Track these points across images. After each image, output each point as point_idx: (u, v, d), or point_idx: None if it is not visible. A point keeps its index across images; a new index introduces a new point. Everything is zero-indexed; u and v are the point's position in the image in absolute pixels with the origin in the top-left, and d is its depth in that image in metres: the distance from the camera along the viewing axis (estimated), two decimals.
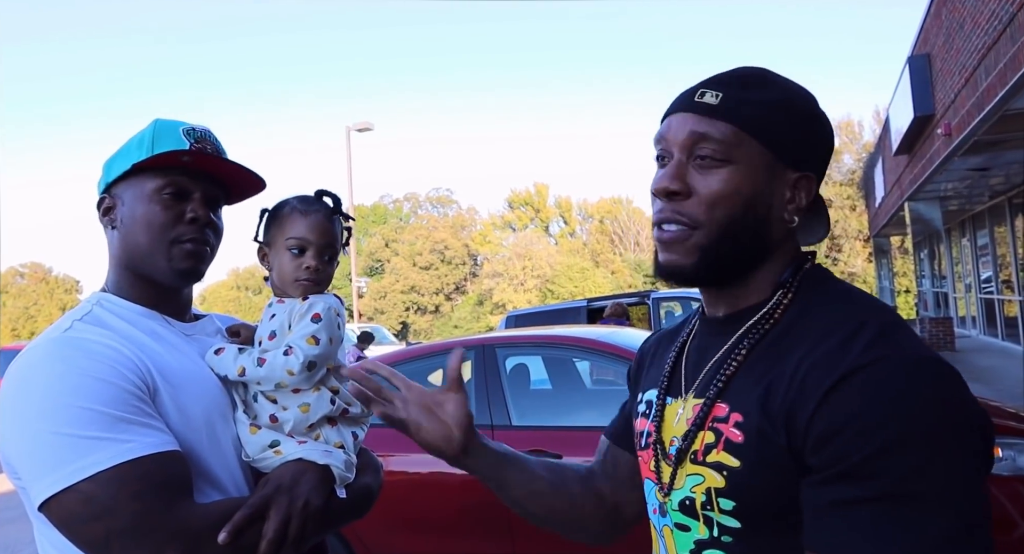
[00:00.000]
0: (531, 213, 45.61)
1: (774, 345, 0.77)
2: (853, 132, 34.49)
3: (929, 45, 9.62)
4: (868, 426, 0.65)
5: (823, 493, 0.67)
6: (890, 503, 0.63)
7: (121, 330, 1.04)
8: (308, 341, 1.09)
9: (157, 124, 1.11)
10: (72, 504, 0.88)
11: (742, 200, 0.79)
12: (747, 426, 0.74)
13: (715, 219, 0.79)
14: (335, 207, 1.19)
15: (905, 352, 0.68)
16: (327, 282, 1.18)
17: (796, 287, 0.81)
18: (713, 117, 0.79)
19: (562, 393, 4.18)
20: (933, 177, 10.22)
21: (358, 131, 18.54)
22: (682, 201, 0.80)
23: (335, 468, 1.08)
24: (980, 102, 6.88)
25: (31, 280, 43.34)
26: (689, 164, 0.80)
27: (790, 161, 0.80)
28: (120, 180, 1.10)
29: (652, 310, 9.08)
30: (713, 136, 0.79)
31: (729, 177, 0.78)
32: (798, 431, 0.69)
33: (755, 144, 0.79)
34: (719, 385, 0.79)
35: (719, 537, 0.77)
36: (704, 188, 0.79)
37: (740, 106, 0.79)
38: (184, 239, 1.08)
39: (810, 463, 0.69)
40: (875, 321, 0.72)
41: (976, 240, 14.21)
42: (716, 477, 0.76)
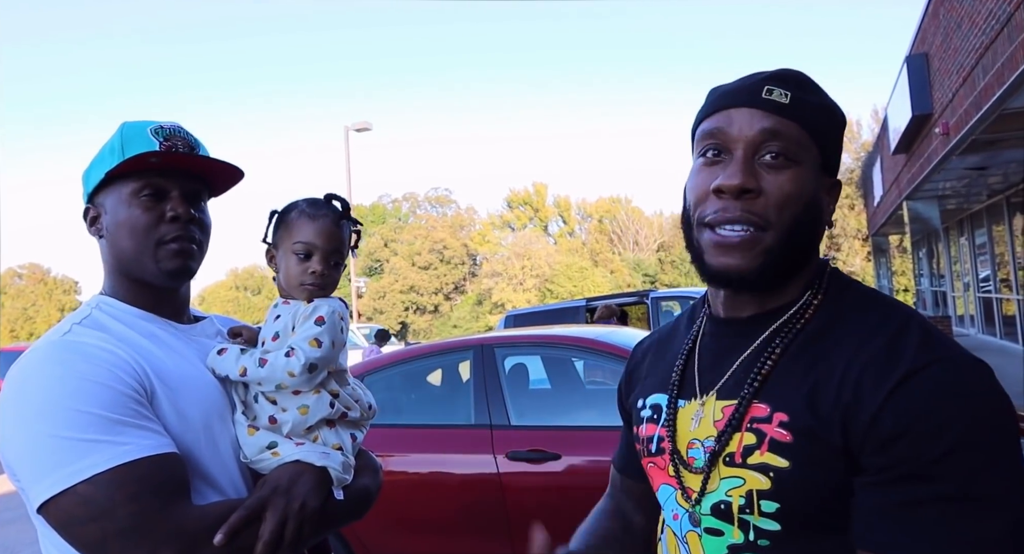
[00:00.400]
0: (530, 213, 45.61)
1: (810, 345, 0.77)
2: (851, 131, 34.50)
3: (927, 44, 9.63)
4: (935, 428, 0.65)
5: (886, 493, 0.67)
6: (957, 502, 0.64)
7: (120, 333, 1.05)
8: (310, 343, 1.09)
9: (124, 128, 1.10)
10: (69, 506, 0.89)
11: (804, 202, 0.78)
12: (795, 426, 0.73)
13: (783, 221, 0.77)
14: (343, 212, 1.19)
15: (957, 353, 0.70)
16: (332, 287, 1.18)
17: (825, 288, 0.81)
18: (784, 116, 0.77)
19: (561, 393, 4.18)
20: (931, 176, 10.23)
21: (357, 131, 18.53)
22: (753, 200, 0.77)
23: (332, 470, 1.08)
24: (978, 101, 6.89)
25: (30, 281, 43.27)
26: (757, 163, 0.78)
27: (828, 167, 0.82)
28: (99, 189, 1.10)
29: (651, 309, 9.08)
30: (785, 135, 0.77)
31: (796, 178, 0.77)
32: (855, 432, 0.69)
33: (813, 147, 0.79)
34: (755, 385, 0.77)
35: (755, 541, 0.75)
36: (774, 187, 0.77)
37: (806, 108, 0.78)
38: (168, 239, 1.08)
39: (867, 464, 0.69)
40: (915, 323, 0.74)
41: (974, 239, 14.22)
42: (760, 479, 0.74)
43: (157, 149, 1.07)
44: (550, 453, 3.22)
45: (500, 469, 3.27)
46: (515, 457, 3.26)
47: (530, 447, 3.26)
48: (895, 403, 0.67)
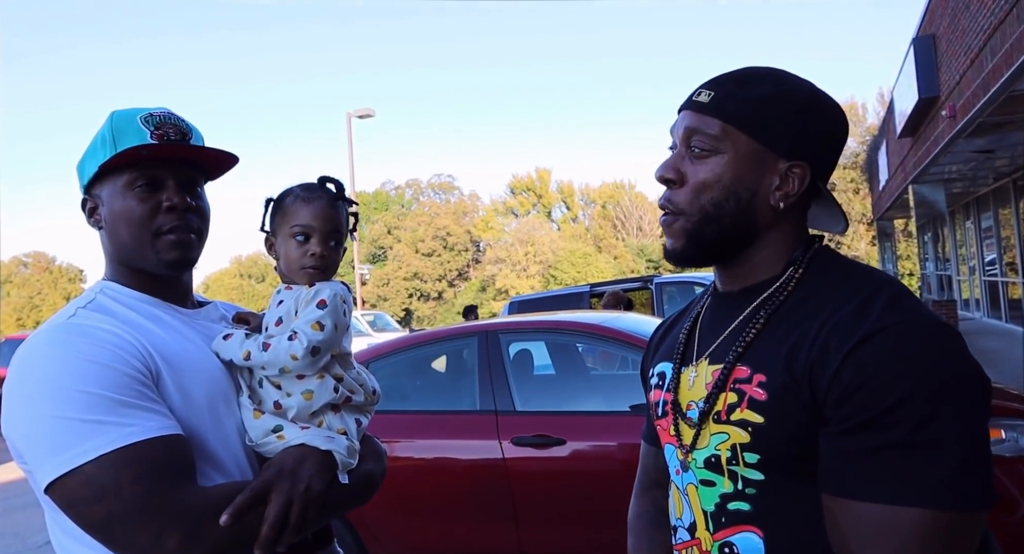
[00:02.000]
0: (533, 199, 45.49)
1: (792, 313, 0.85)
2: (857, 115, 34.24)
3: (934, 26, 9.52)
4: (887, 381, 0.73)
5: (844, 442, 0.75)
6: (906, 448, 0.72)
7: (124, 316, 1.05)
8: (313, 327, 1.09)
9: (114, 118, 1.09)
10: (75, 486, 0.89)
11: (723, 187, 0.87)
12: (770, 385, 0.81)
13: (699, 205, 0.88)
14: (338, 193, 1.19)
15: (918, 317, 0.76)
16: (333, 268, 1.18)
17: (807, 264, 0.88)
18: (704, 113, 0.88)
19: (565, 378, 4.19)
20: (937, 159, 10.16)
21: (359, 117, 18.46)
22: (675, 189, 0.90)
23: (337, 454, 1.08)
24: (985, 83, 6.82)
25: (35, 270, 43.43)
26: (687, 155, 0.89)
27: (781, 151, 0.86)
28: (95, 180, 1.10)
29: (655, 295, 9.08)
30: (702, 130, 0.87)
31: (713, 166, 0.87)
32: (820, 387, 0.77)
33: (742, 136, 0.86)
34: (739, 350, 0.86)
35: (743, 489, 0.84)
36: (692, 176, 0.88)
37: (728, 103, 0.87)
38: (166, 229, 1.08)
39: (829, 415, 0.76)
40: (887, 289, 0.80)
41: (980, 222, 14.15)
42: (741, 433, 0.82)
43: (149, 139, 1.06)
44: (555, 438, 3.23)
45: (505, 454, 3.28)
46: (520, 442, 3.27)
47: (535, 432, 3.27)
48: (855, 359, 0.74)
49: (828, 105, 0.89)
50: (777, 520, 0.81)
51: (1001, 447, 2.92)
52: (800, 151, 0.87)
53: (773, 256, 0.90)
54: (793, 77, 0.90)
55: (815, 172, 0.87)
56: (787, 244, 0.90)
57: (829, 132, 0.88)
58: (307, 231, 1.15)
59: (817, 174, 0.88)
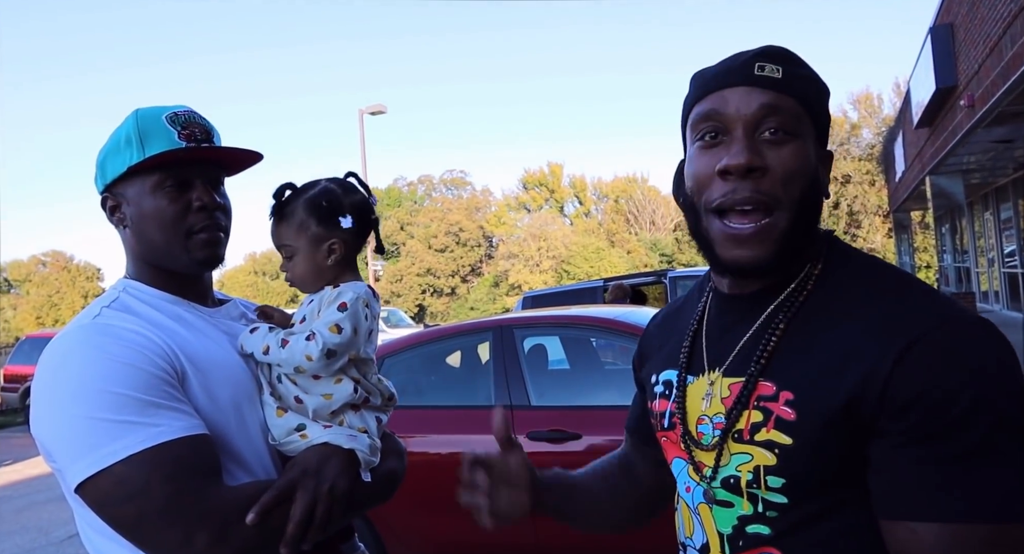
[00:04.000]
0: (545, 193, 45.40)
1: (813, 317, 0.77)
2: (872, 105, 33.86)
3: (952, 14, 9.39)
4: (948, 390, 0.67)
5: (905, 457, 0.68)
6: (976, 458, 0.66)
7: (148, 316, 1.06)
8: (331, 329, 1.09)
9: (139, 117, 1.09)
10: (106, 486, 0.91)
11: (808, 175, 0.77)
12: (799, 403, 0.74)
13: (791, 196, 0.76)
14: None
15: (960, 314, 0.71)
16: (305, 278, 1.18)
17: (824, 261, 0.81)
18: (779, 90, 0.77)
19: (580, 373, 4.18)
20: (955, 150, 10.03)
21: (371, 114, 18.49)
22: (759, 178, 0.76)
23: (360, 452, 1.09)
24: (1005, 72, 6.72)
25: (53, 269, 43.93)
26: (756, 139, 0.77)
27: (821, 138, 0.81)
28: (119, 178, 1.09)
29: (669, 289, 9.04)
30: (785, 109, 0.76)
31: (798, 151, 0.77)
32: (868, 400, 0.69)
33: (808, 120, 0.79)
34: (760, 362, 0.78)
35: (763, 512, 0.77)
36: (778, 163, 0.76)
37: (798, 81, 0.78)
38: (198, 229, 1.09)
39: (885, 428, 0.69)
40: (916, 288, 0.75)
41: (999, 214, 13.96)
42: (766, 455, 0.75)
43: (176, 139, 1.07)
44: (570, 433, 3.23)
45: None
46: (536, 437, 3.27)
47: (550, 427, 3.27)
48: (904, 369, 0.68)
49: None
50: (797, 540, 0.76)
51: None
52: (827, 139, 0.82)
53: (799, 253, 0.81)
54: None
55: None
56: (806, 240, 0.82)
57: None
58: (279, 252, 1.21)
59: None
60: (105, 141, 1.12)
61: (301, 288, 1.19)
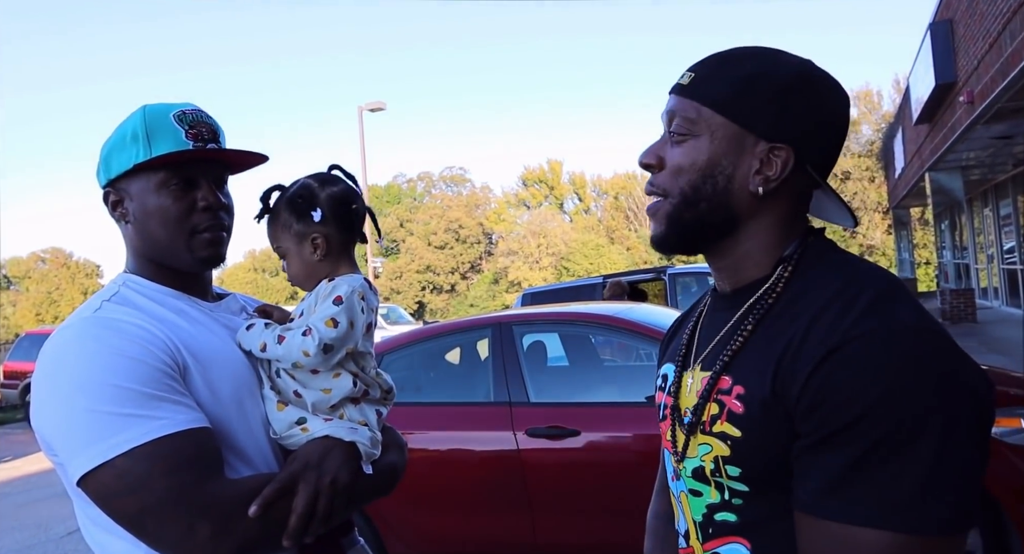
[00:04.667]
0: (545, 190, 45.38)
1: (778, 319, 0.80)
2: (872, 102, 33.85)
3: (952, 10, 9.38)
4: (851, 394, 0.69)
5: (808, 456, 0.72)
6: (868, 464, 0.68)
7: (149, 309, 1.06)
8: (327, 323, 1.09)
9: (147, 113, 1.09)
10: (108, 479, 0.91)
11: (699, 169, 0.84)
12: (748, 397, 0.78)
13: (678, 188, 0.85)
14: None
15: (891, 322, 0.71)
16: (298, 277, 1.20)
17: (796, 261, 0.83)
18: (682, 96, 0.86)
19: (579, 370, 4.19)
20: (955, 146, 10.03)
21: (370, 111, 18.47)
22: (656, 173, 0.88)
23: (361, 445, 1.09)
24: (1004, 68, 6.71)
25: (52, 265, 43.92)
26: (669, 140, 0.87)
27: (761, 133, 0.81)
28: (124, 175, 1.09)
29: (668, 286, 9.05)
30: (679, 113, 0.85)
31: (689, 149, 0.84)
32: (792, 400, 0.74)
33: (718, 118, 0.83)
34: (725, 359, 0.82)
35: (729, 500, 0.82)
36: (670, 160, 0.86)
37: (705, 84, 0.84)
38: (202, 228, 1.09)
39: (798, 428, 0.74)
40: (870, 290, 0.75)
41: (999, 210, 13.96)
42: (722, 446, 0.80)
43: (184, 138, 1.07)
44: (569, 429, 3.24)
45: (520, 446, 3.29)
46: (534, 434, 3.28)
47: (549, 424, 3.28)
48: (823, 371, 0.71)
49: (819, 84, 0.82)
50: (763, 531, 0.79)
51: (1020, 436, 2.89)
52: (782, 132, 0.80)
53: (759, 251, 0.85)
54: (783, 55, 0.84)
55: (802, 156, 0.81)
56: (775, 238, 0.84)
57: (818, 112, 0.82)
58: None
59: (807, 159, 0.81)
60: (110, 135, 1.12)
61: (300, 286, 1.20)
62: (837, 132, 0.84)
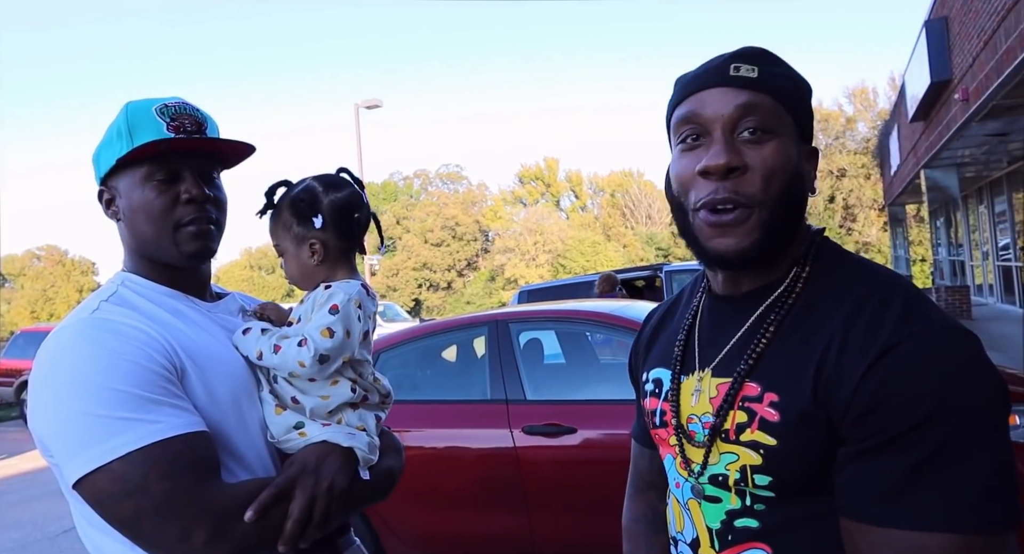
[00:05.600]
0: (542, 188, 45.36)
1: (800, 321, 0.78)
2: (867, 99, 33.85)
3: (947, 8, 9.39)
4: (909, 398, 0.68)
5: (863, 463, 0.70)
6: (931, 469, 0.67)
7: (147, 311, 1.05)
8: (322, 333, 1.08)
9: (129, 109, 1.08)
10: (104, 483, 0.90)
11: (790, 172, 0.78)
12: (783, 405, 0.75)
13: (772, 194, 0.77)
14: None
15: (933, 324, 0.71)
16: (296, 277, 1.19)
17: (812, 261, 0.82)
18: (755, 90, 0.79)
19: (576, 367, 4.19)
20: (950, 143, 10.05)
21: (367, 108, 18.43)
22: (739, 177, 0.78)
23: (359, 450, 1.08)
24: (999, 66, 6.73)
25: (48, 263, 43.75)
26: (736, 139, 0.79)
27: (805, 135, 0.83)
28: (112, 172, 1.09)
29: (665, 283, 9.06)
30: (762, 108, 0.78)
31: (779, 149, 0.78)
32: (838, 405, 0.71)
33: (788, 117, 0.80)
34: (749, 363, 0.79)
35: (751, 506, 0.79)
36: (759, 162, 0.77)
37: (774, 79, 0.80)
38: (186, 222, 1.08)
39: (847, 434, 0.71)
40: (900, 295, 0.75)
41: (994, 207, 14.00)
42: (752, 455, 0.77)
43: (165, 131, 1.06)
44: (566, 427, 3.24)
45: (516, 443, 3.29)
46: (531, 431, 3.28)
47: (546, 421, 3.28)
48: (872, 378, 0.69)
49: None
50: (785, 535, 0.77)
51: (1016, 433, 2.90)
52: (811, 135, 0.84)
53: (787, 252, 0.83)
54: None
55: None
56: (799, 238, 0.84)
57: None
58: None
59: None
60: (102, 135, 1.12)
61: (297, 286, 1.19)
62: None
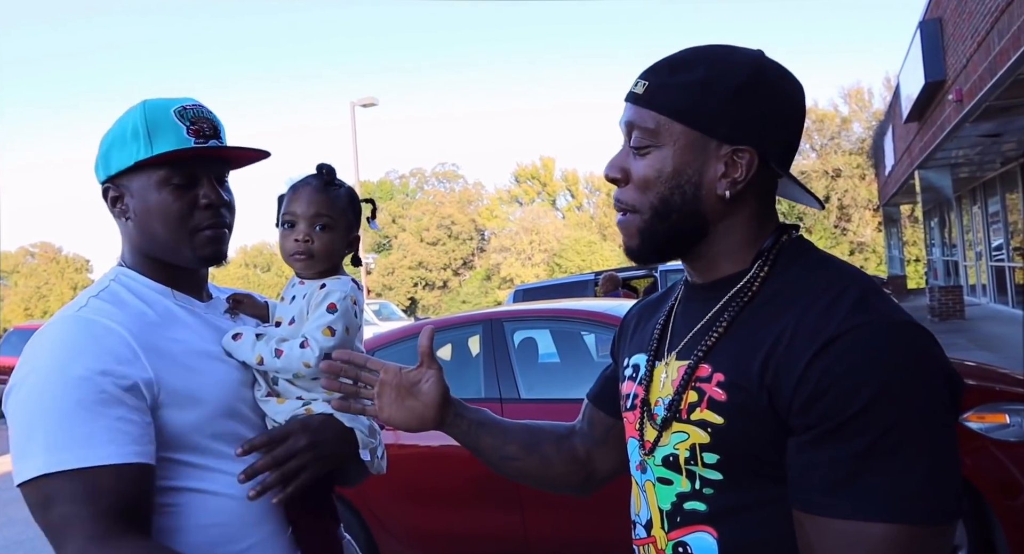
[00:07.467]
0: (538, 187, 45.34)
1: (758, 312, 0.81)
2: (863, 100, 33.96)
3: (941, 9, 9.43)
4: (850, 388, 0.70)
5: (808, 452, 0.72)
6: (871, 459, 0.69)
7: (136, 310, 1.04)
8: (324, 332, 1.10)
9: (147, 109, 1.06)
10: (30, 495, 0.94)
11: (666, 181, 0.83)
12: (729, 385, 0.78)
13: (647, 201, 0.85)
14: (327, 177, 1.19)
15: (882, 317, 0.73)
16: (325, 254, 1.16)
17: (774, 258, 0.84)
18: (639, 105, 0.85)
19: (570, 366, 4.20)
20: (944, 144, 10.10)
21: (363, 106, 18.40)
22: (623, 187, 0.87)
23: (359, 432, 1.13)
24: (992, 67, 6.76)
25: (42, 260, 43.59)
26: (629, 151, 0.87)
27: (722, 137, 0.82)
28: (124, 170, 1.07)
29: (660, 282, 9.07)
30: (639, 124, 0.84)
31: (653, 161, 0.84)
32: (784, 394, 0.74)
33: (677, 126, 0.82)
34: (704, 348, 0.83)
35: (700, 489, 0.82)
36: (635, 173, 0.85)
37: (660, 92, 0.83)
38: (204, 226, 1.08)
39: (795, 423, 0.74)
40: (855, 288, 0.77)
41: (987, 207, 14.07)
42: (701, 434, 0.80)
43: (185, 135, 1.05)
44: None
45: None
46: None
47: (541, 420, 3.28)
48: (819, 365, 0.71)
49: (773, 81, 0.83)
50: (731, 521, 0.79)
51: (1006, 432, 2.92)
52: (743, 135, 0.81)
53: (734, 248, 0.85)
54: (735, 54, 0.84)
55: (765, 153, 0.82)
56: (749, 234, 0.85)
57: (775, 109, 0.82)
58: (291, 219, 1.16)
59: (769, 155, 0.82)
60: (108, 130, 1.10)
61: (307, 264, 1.16)
62: (796, 121, 0.85)
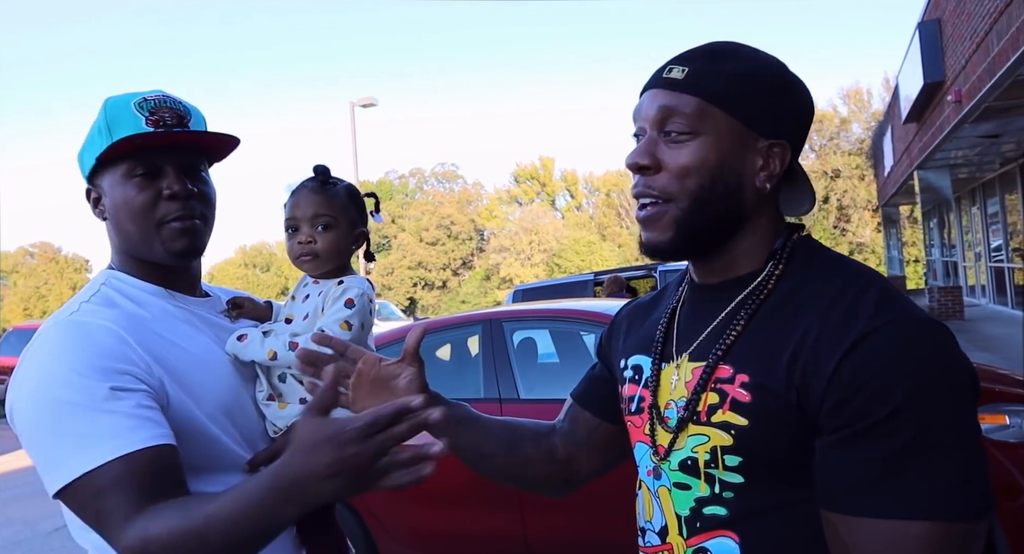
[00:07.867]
0: (537, 187, 45.34)
1: (775, 312, 0.81)
2: (862, 100, 33.97)
3: (940, 10, 9.44)
4: (882, 387, 0.69)
5: (841, 453, 0.71)
6: (907, 458, 0.68)
7: (130, 311, 1.03)
8: (341, 326, 1.10)
9: (108, 105, 1.05)
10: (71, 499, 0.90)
11: (710, 170, 0.81)
12: (754, 385, 0.77)
13: (686, 190, 0.82)
14: (323, 177, 1.19)
15: (907, 315, 0.73)
16: (329, 253, 1.17)
17: (787, 257, 0.84)
18: (679, 91, 0.82)
19: (570, 366, 4.19)
20: (943, 145, 10.10)
21: (362, 107, 18.38)
22: (653, 176, 0.83)
23: None
24: (991, 67, 6.76)
25: (41, 260, 43.55)
26: (660, 139, 0.83)
27: (761, 130, 0.82)
28: (96, 170, 1.07)
29: (659, 282, 9.07)
30: (680, 110, 0.81)
31: (696, 149, 0.81)
32: (814, 394, 0.73)
33: (721, 115, 0.81)
34: (722, 348, 0.81)
35: (720, 493, 0.80)
36: (673, 161, 0.82)
37: (705, 79, 0.82)
38: (170, 218, 1.04)
39: (824, 424, 0.73)
40: (874, 287, 0.77)
41: (986, 208, 14.07)
42: (723, 436, 0.79)
43: (143, 126, 1.02)
44: None
45: None
46: None
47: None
48: (847, 365, 0.71)
49: (798, 82, 0.85)
50: (754, 524, 0.78)
51: (1006, 433, 2.92)
52: (779, 129, 0.83)
53: (754, 247, 0.85)
54: (762, 53, 0.86)
55: (795, 150, 0.84)
56: (768, 232, 0.85)
57: (801, 109, 0.85)
58: (293, 223, 1.18)
59: (797, 152, 0.85)
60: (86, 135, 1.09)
61: (315, 265, 1.17)
62: (809, 123, 0.87)
